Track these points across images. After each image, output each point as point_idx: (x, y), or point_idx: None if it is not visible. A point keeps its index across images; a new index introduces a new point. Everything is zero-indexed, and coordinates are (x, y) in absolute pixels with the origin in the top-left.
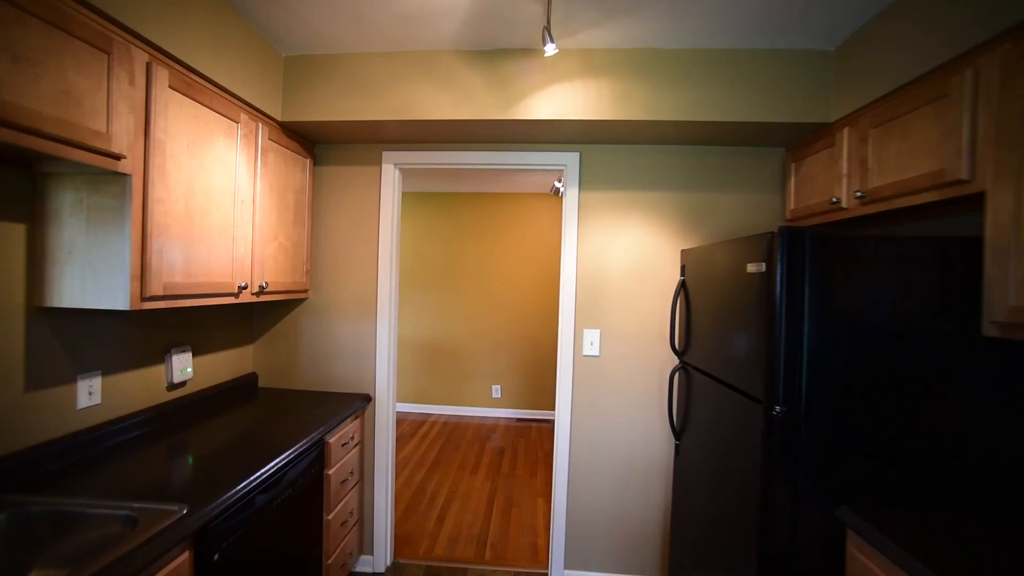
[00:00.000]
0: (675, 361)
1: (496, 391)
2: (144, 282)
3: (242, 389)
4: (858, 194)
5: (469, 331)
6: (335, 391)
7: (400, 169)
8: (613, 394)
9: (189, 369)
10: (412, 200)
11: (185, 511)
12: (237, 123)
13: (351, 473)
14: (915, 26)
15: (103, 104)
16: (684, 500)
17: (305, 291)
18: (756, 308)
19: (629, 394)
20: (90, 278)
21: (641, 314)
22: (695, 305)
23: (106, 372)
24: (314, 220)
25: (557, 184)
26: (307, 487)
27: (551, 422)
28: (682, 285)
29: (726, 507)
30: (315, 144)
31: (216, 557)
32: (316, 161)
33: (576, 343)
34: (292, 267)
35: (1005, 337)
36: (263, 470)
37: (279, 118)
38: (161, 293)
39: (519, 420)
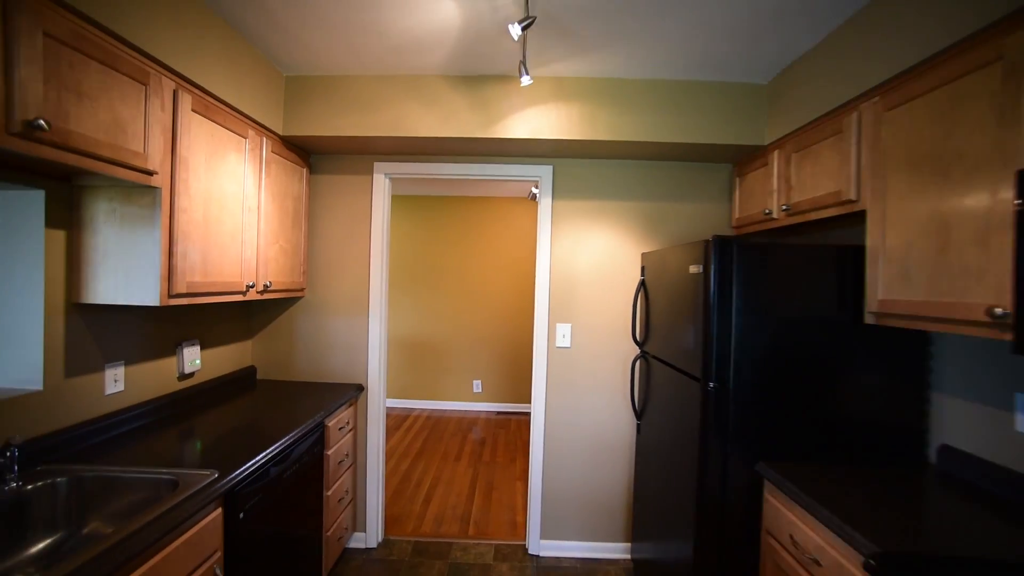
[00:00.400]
0: (636, 351)
1: (477, 386)
2: (171, 282)
3: (243, 380)
4: (784, 207)
5: (450, 328)
6: (330, 382)
7: (390, 178)
8: (583, 381)
9: (198, 361)
10: (394, 203)
11: (216, 475)
12: (245, 138)
13: (346, 455)
14: (821, 72)
15: (141, 128)
16: (644, 473)
17: (302, 290)
18: (697, 303)
19: (597, 381)
20: (123, 278)
21: (607, 309)
22: (653, 301)
23: (128, 362)
24: (310, 224)
25: (534, 191)
26: (310, 464)
27: (529, 414)
28: (642, 284)
29: (676, 472)
30: (311, 154)
31: (241, 516)
32: (312, 170)
33: (550, 336)
34: (291, 268)
35: (878, 324)
36: (276, 445)
37: (280, 132)
38: (185, 291)
39: (499, 413)
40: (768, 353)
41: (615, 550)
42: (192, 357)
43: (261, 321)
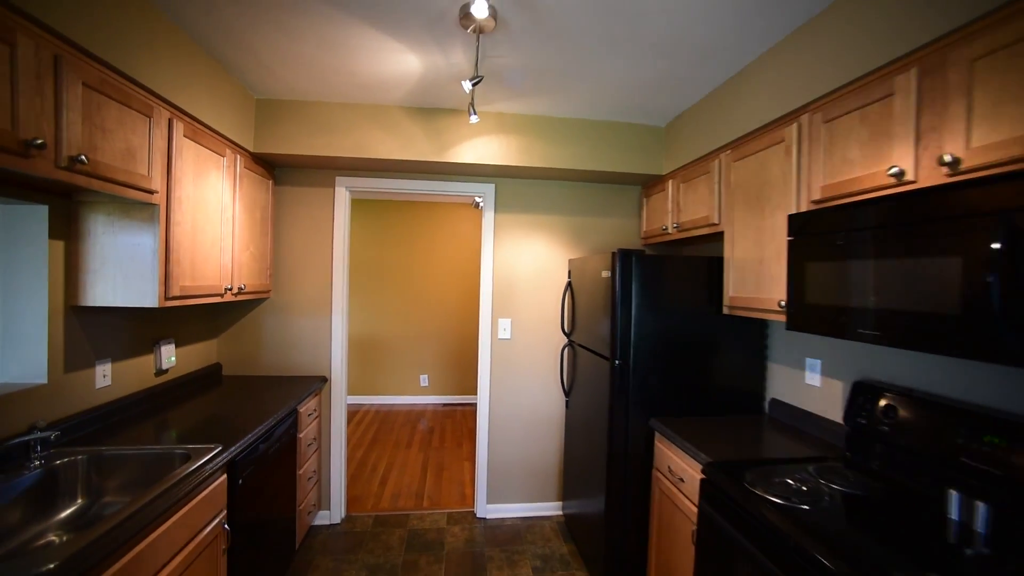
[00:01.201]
0: (564, 340)
1: (424, 380)
2: (167, 286)
3: (211, 376)
4: (675, 225)
5: (396, 326)
6: (295, 375)
7: (350, 190)
8: (521, 367)
9: (173, 358)
10: None
11: (220, 448)
12: (223, 157)
13: (314, 439)
14: (697, 126)
15: (146, 154)
16: (572, 441)
17: (268, 292)
18: (607, 300)
19: (533, 367)
20: (121, 283)
21: (541, 306)
22: (577, 299)
23: (114, 360)
24: (275, 232)
25: (478, 199)
26: (287, 445)
27: (473, 405)
28: (569, 285)
29: (594, 434)
30: (275, 167)
31: (240, 481)
32: (276, 182)
33: (493, 329)
34: (259, 271)
35: (731, 314)
36: (263, 425)
37: (251, 149)
38: (178, 294)
39: (445, 405)
40: (658, 337)
41: (549, 508)
42: (168, 354)
43: (226, 321)
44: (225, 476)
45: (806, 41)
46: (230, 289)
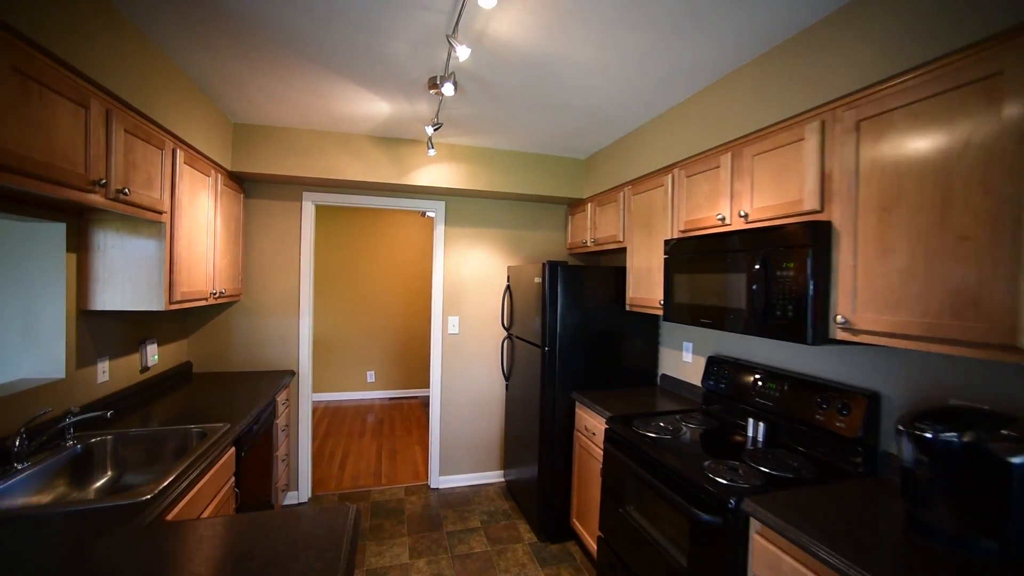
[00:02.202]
0: (504, 334)
1: (370, 376)
2: (171, 292)
3: (184, 374)
4: (592, 240)
5: (344, 325)
6: (265, 370)
7: (315, 204)
8: (468, 358)
9: (156, 356)
10: None
11: (229, 426)
12: (209, 177)
13: (286, 425)
14: (608, 163)
15: (158, 181)
16: (511, 418)
17: (239, 295)
18: (539, 300)
19: (478, 357)
20: (130, 289)
21: (484, 305)
22: (515, 299)
23: (111, 357)
24: (245, 241)
25: (429, 213)
26: (268, 428)
27: (419, 397)
28: (508, 288)
29: (529, 410)
30: (244, 182)
31: (243, 455)
32: (247, 195)
33: (444, 326)
34: (234, 276)
35: (631, 310)
36: (256, 408)
37: (229, 168)
38: (179, 299)
39: (392, 399)
40: (578, 329)
41: (493, 476)
42: (152, 353)
43: (196, 322)
44: (233, 449)
45: (678, 116)
46: (214, 293)
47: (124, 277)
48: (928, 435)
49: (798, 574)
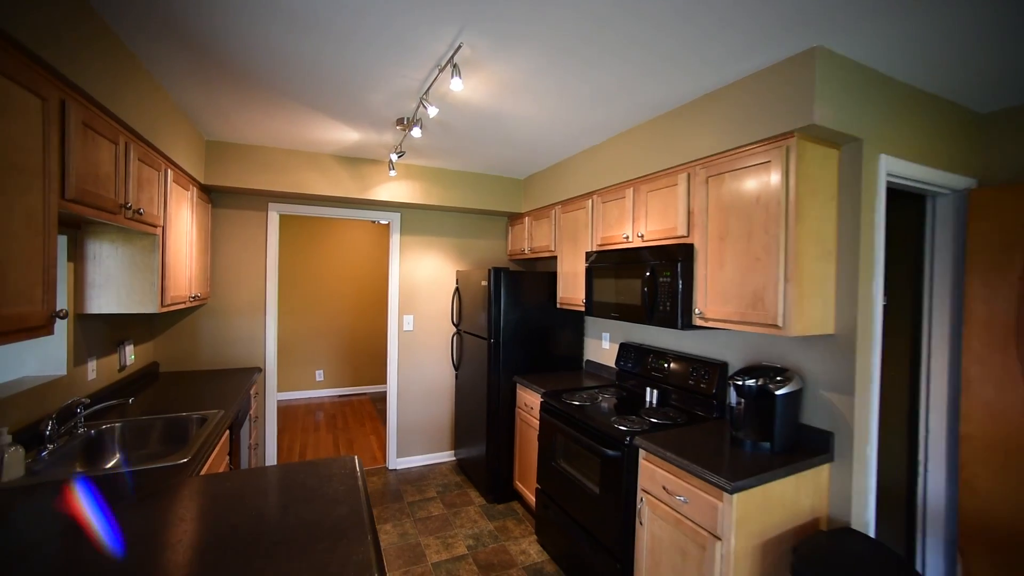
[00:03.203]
0: (454, 330)
1: (319, 375)
2: (163, 296)
3: (153, 373)
4: (530, 248)
5: (293, 326)
6: (232, 367)
7: (280, 214)
8: (421, 352)
9: (132, 356)
10: None
11: (224, 412)
12: (188, 191)
13: (256, 416)
14: (542, 185)
15: (154, 198)
16: (461, 403)
17: (207, 298)
18: (485, 300)
19: (430, 351)
20: (125, 295)
21: (436, 305)
22: (463, 299)
23: (97, 357)
24: (213, 247)
25: (384, 222)
26: (244, 416)
27: (368, 394)
28: (456, 290)
29: (476, 395)
30: (211, 192)
31: (233, 438)
32: (214, 204)
33: (400, 323)
34: (204, 281)
35: (562, 308)
36: (240, 398)
37: (202, 182)
38: (169, 302)
39: (340, 396)
40: (518, 323)
41: (445, 456)
42: (129, 353)
43: (163, 324)
44: (228, 432)
45: (597, 153)
46: (192, 297)
47: (119, 283)
48: (739, 383)
49: (664, 478)
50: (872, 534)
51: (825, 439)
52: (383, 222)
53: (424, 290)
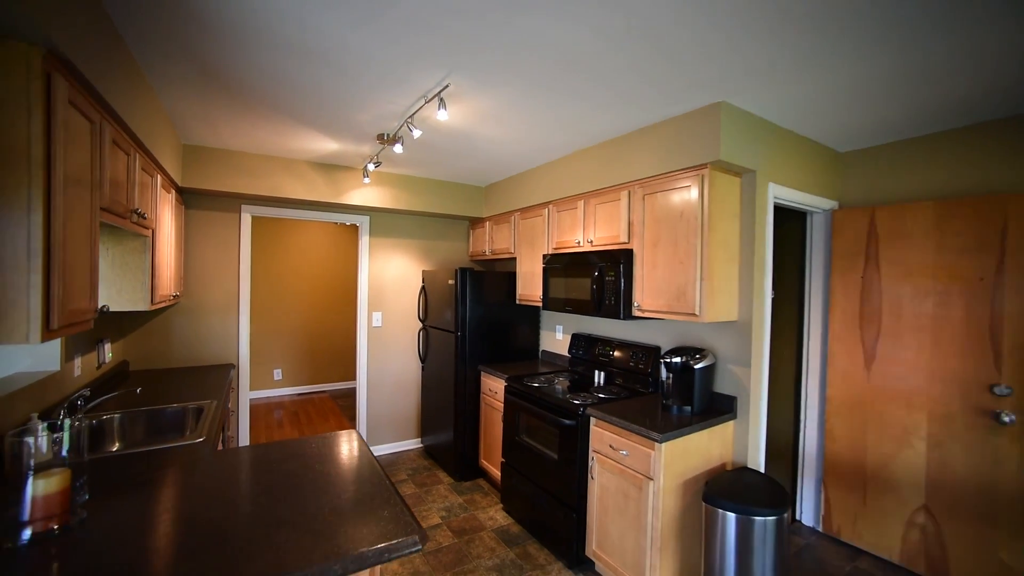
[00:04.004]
0: (420, 325)
1: (277, 374)
2: (153, 294)
3: (123, 372)
4: (490, 250)
5: (252, 326)
6: (206, 364)
7: (252, 216)
8: (390, 346)
9: (110, 354)
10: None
11: (217, 402)
12: (170, 194)
13: (232, 409)
14: (502, 193)
15: (149, 203)
16: (427, 393)
17: (178, 296)
18: (452, 297)
19: (398, 345)
20: (115, 293)
21: (403, 302)
22: (429, 297)
23: (81, 354)
24: (186, 248)
25: (354, 223)
26: (225, 409)
27: (328, 391)
28: (423, 288)
29: (443, 384)
30: (184, 193)
31: (226, 424)
32: (186, 206)
33: (369, 320)
34: (179, 280)
35: (521, 303)
36: (224, 390)
37: (180, 184)
38: (159, 301)
39: (300, 395)
40: (482, 318)
41: (412, 443)
42: (107, 351)
43: (132, 324)
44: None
45: (554, 168)
46: (173, 296)
47: (109, 283)
48: (668, 361)
49: (610, 439)
50: (763, 471)
51: (730, 402)
52: (354, 224)
53: (392, 288)
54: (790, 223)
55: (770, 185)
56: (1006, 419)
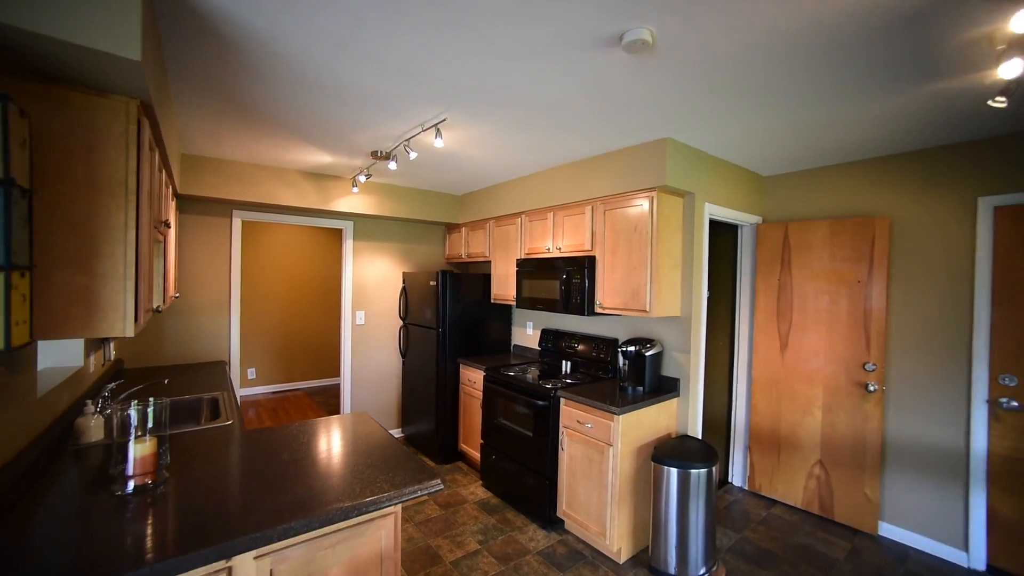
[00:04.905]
0: (400, 323)
1: (251, 373)
2: (164, 295)
3: (120, 371)
4: (466, 254)
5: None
6: (198, 362)
7: (243, 220)
8: (372, 343)
9: (113, 351)
10: None
11: (227, 393)
12: (172, 201)
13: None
14: (477, 202)
15: (164, 210)
16: (407, 385)
17: (178, 297)
18: (434, 297)
19: (380, 341)
20: None
21: (385, 302)
22: (410, 297)
23: (93, 351)
24: (179, 251)
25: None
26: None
27: (302, 389)
28: (403, 289)
29: (424, 377)
30: (179, 198)
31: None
32: (179, 211)
33: (353, 318)
34: (176, 282)
35: (495, 302)
36: (228, 385)
37: (179, 191)
38: (168, 301)
39: (274, 393)
40: (460, 316)
41: (394, 432)
42: (112, 348)
43: None
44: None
45: (526, 182)
46: (174, 296)
47: None
48: (624, 350)
49: (578, 415)
50: (700, 439)
51: (675, 383)
52: (336, 228)
53: (374, 288)
54: (724, 234)
55: (706, 204)
56: (872, 388)
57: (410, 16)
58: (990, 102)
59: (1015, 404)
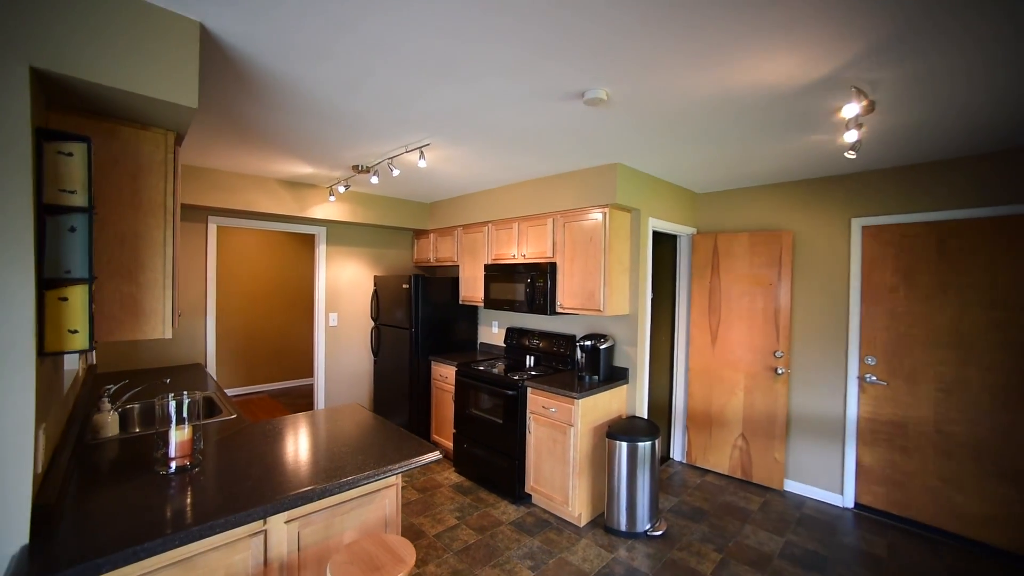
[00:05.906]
0: (372, 324)
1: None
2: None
3: (95, 374)
4: (435, 258)
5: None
6: (174, 365)
7: (218, 226)
8: (345, 343)
9: (95, 355)
10: None
11: (217, 391)
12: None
13: None
14: (444, 211)
15: None
16: (380, 383)
17: None
18: (407, 299)
19: (352, 341)
20: None
21: (357, 304)
22: (381, 299)
23: (82, 355)
24: None
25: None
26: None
27: (266, 392)
28: (375, 292)
29: (398, 374)
30: None
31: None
32: None
33: (326, 320)
34: None
35: (463, 304)
36: (213, 385)
37: None
38: None
39: (237, 395)
40: (431, 316)
41: None
42: (94, 355)
43: None
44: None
45: (493, 194)
46: None
47: None
48: (582, 344)
49: (543, 402)
50: (646, 418)
51: (625, 372)
52: (309, 233)
53: (346, 291)
54: (666, 243)
55: (650, 218)
56: (780, 371)
57: (416, 70)
58: (845, 154)
59: (874, 378)
